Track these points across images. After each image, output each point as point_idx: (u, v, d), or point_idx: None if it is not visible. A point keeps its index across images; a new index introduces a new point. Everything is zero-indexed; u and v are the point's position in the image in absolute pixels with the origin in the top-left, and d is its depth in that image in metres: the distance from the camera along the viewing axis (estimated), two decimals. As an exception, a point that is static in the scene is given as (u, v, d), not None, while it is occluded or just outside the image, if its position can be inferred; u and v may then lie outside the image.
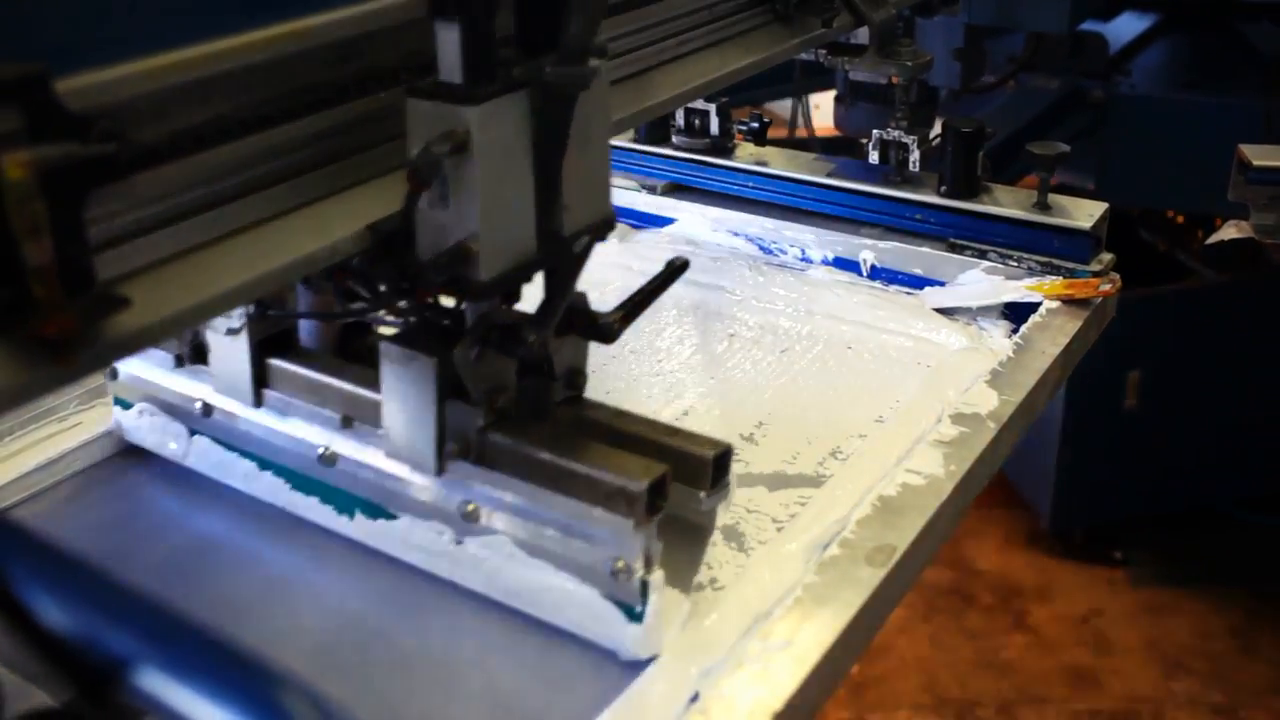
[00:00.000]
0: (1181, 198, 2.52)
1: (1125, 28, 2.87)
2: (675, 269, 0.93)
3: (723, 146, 1.56)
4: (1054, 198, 1.37)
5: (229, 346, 0.96)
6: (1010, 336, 1.28)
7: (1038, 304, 1.30)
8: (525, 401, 0.86)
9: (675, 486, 0.83)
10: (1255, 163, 1.46)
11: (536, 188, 0.80)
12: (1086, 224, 1.33)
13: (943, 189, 1.41)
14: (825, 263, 1.46)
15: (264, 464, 1.00)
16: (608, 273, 1.48)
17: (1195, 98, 2.58)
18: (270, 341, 0.97)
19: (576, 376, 0.93)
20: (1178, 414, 2.97)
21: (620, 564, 0.82)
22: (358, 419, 0.93)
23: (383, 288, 0.84)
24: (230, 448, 1.01)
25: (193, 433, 1.03)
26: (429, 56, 0.78)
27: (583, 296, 0.88)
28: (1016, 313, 1.32)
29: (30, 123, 0.59)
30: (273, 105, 0.76)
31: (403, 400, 0.87)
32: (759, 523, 1.01)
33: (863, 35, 1.42)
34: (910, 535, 0.94)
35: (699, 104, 1.53)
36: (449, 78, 0.75)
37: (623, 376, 1.25)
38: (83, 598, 0.46)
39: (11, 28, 0.56)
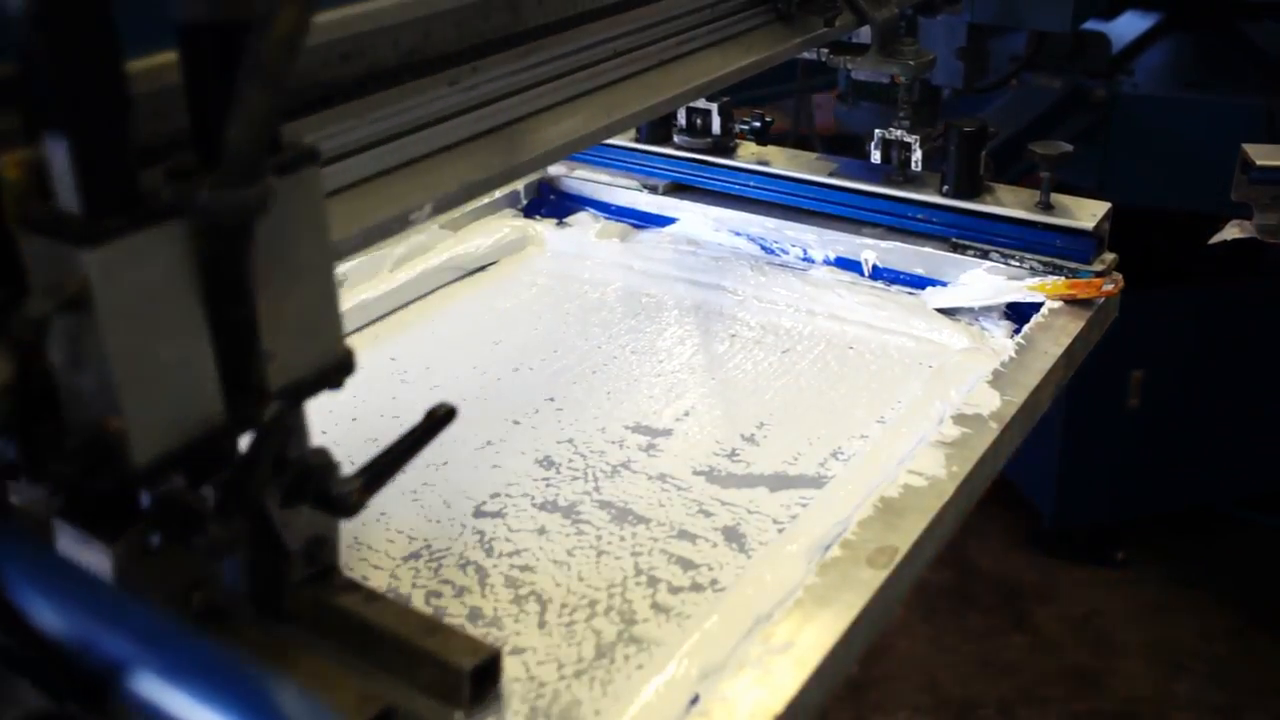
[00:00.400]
0: (1185, 197, 2.52)
1: (1127, 27, 2.86)
2: (437, 419, 0.75)
3: (724, 146, 1.55)
4: (1056, 197, 1.37)
5: None
6: (1012, 337, 1.27)
7: (1040, 304, 1.30)
8: (256, 587, 0.72)
9: (426, 705, 0.72)
10: (1259, 162, 1.45)
11: (215, 339, 0.62)
12: (1089, 224, 1.33)
13: (945, 189, 1.41)
14: (827, 263, 1.46)
15: None
16: (609, 272, 1.48)
17: (1198, 97, 2.57)
18: None
19: (321, 548, 0.75)
20: (1180, 414, 2.96)
21: None
22: None
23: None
24: None
25: None
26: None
27: (322, 454, 0.71)
28: (1019, 313, 1.32)
29: (26, 122, 0.59)
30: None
31: None
32: (760, 524, 1.01)
33: (865, 34, 1.41)
34: (912, 536, 0.93)
35: (700, 103, 1.53)
36: (67, 206, 0.57)
37: (623, 377, 1.25)
38: (78, 601, 0.45)
39: (6, 26, 0.55)
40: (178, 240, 0.59)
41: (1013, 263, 1.36)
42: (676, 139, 1.57)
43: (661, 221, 1.57)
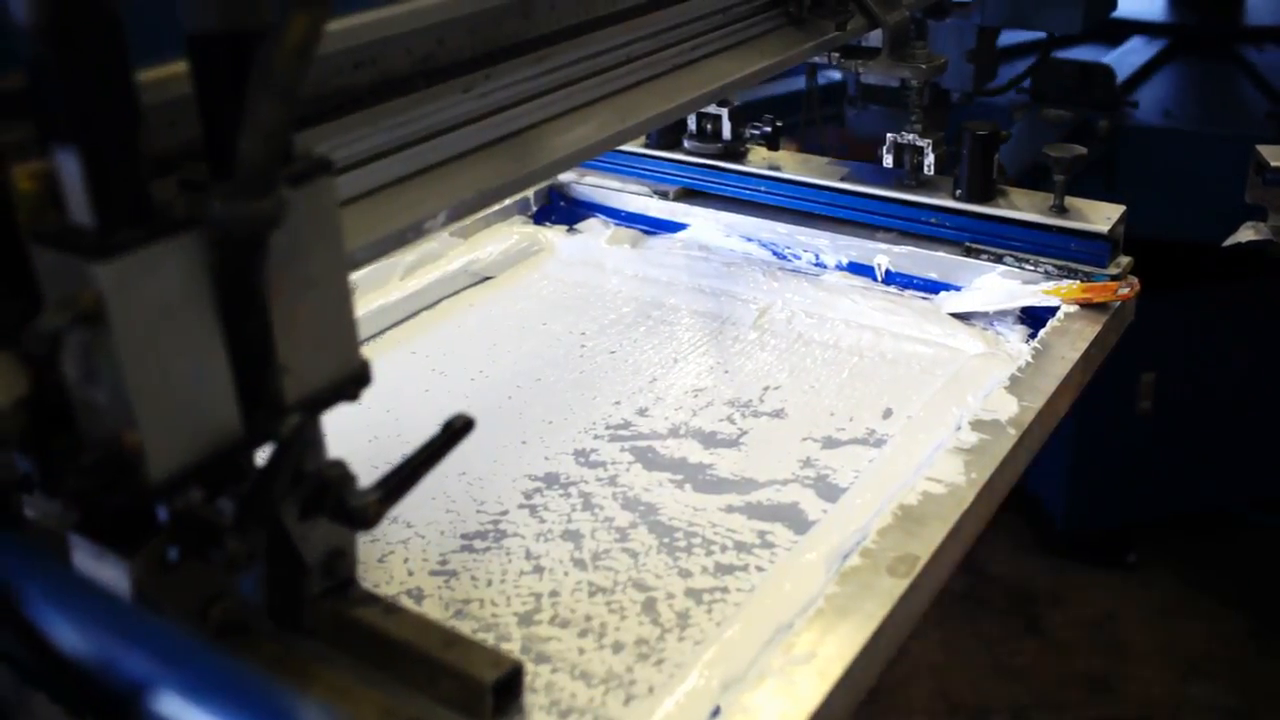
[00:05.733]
0: (1193, 227, 2.50)
1: (1132, 55, 2.85)
2: (455, 431, 0.73)
3: (735, 151, 1.54)
4: (1071, 201, 1.36)
5: None
6: (1028, 341, 1.26)
7: (1055, 308, 1.29)
8: (274, 601, 0.72)
9: (444, 717, 0.71)
10: (1274, 164, 1.44)
11: (230, 352, 0.62)
12: (1104, 227, 1.32)
13: (958, 192, 1.40)
14: (840, 268, 1.45)
15: None
16: (620, 279, 1.47)
17: (1202, 129, 2.56)
18: None
19: (339, 561, 0.75)
20: (1192, 416, 2.95)
21: None
22: None
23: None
24: None
25: None
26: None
27: (339, 466, 0.70)
28: (1034, 317, 1.31)
29: (39, 133, 0.58)
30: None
31: None
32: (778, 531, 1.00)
33: (875, 38, 1.41)
34: (932, 545, 0.92)
35: (711, 108, 1.52)
36: (79, 219, 0.57)
37: (633, 384, 1.24)
38: (98, 620, 0.45)
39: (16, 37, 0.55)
40: (191, 252, 0.59)
41: (1027, 267, 1.35)
42: (687, 144, 1.56)
43: (672, 227, 1.57)
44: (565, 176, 1.63)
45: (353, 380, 0.69)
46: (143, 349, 0.58)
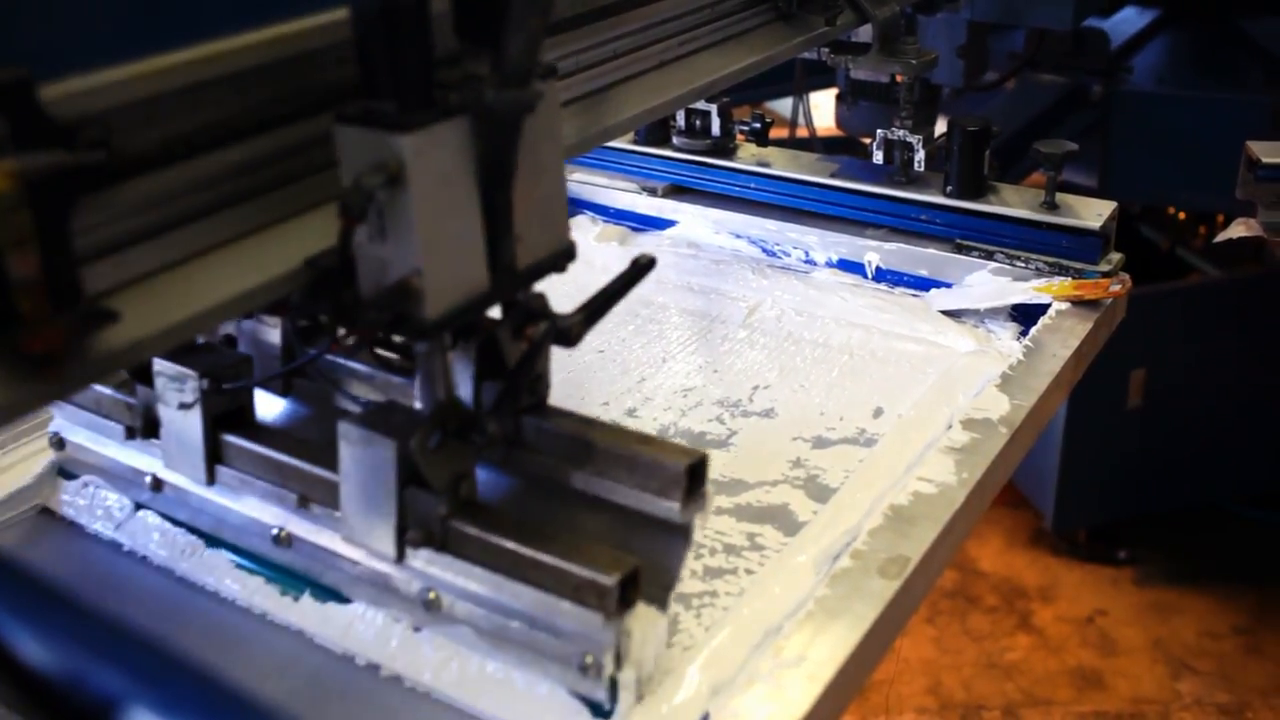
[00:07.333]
0: (1186, 195, 2.49)
1: (1126, 23, 2.85)
2: (641, 267, 0.86)
3: (724, 147, 1.53)
4: (1062, 197, 1.35)
5: (181, 421, 0.89)
6: (1019, 338, 1.25)
7: (1047, 305, 1.28)
8: (499, 412, 0.83)
9: (648, 500, 0.80)
10: (1264, 160, 1.44)
11: (485, 219, 0.74)
12: (1095, 223, 1.31)
13: (949, 189, 1.39)
14: (829, 265, 1.44)
15: (211, 541, 0.93)
16: (608, 277, 1.45)
17: (1198, 94, 2.56)
18: (225, 416, 0.90)
19: (538, 383, 0.86)
20: (1182, 412, 2.95)
21: (589, 660, 0.77)
22: (315, 500, 0.86)
23: (327, 327, 0.78)
24: (177, 523, 0.95)
25: (138, 507, 0.97)
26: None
27: (541, 298, 0.83)
28: (1025, 314, 1.30)
29: (14, 130, 0.57)
30: (262, 112, 0.73)
31: (362, 484, 0.81)
32: (769, 536, 0.99)
33: (865, 33, 1.40)
34: (923, 545, 0.92)
35: (700, 104, 1.51)
36: (380, 103, 0.70)
37: (622, 384, 1.23)
38: (68, 634, 0.43)
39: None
40: (464, 133, 0.71)
41: (1018, 263, 1.34)
42: (675, 140, 1.55)
43: (661, 224, 1.56)
44: (553, 173, 1.62)
45: (564, 254, 0.83)
46: (429, 209, 0.70)
